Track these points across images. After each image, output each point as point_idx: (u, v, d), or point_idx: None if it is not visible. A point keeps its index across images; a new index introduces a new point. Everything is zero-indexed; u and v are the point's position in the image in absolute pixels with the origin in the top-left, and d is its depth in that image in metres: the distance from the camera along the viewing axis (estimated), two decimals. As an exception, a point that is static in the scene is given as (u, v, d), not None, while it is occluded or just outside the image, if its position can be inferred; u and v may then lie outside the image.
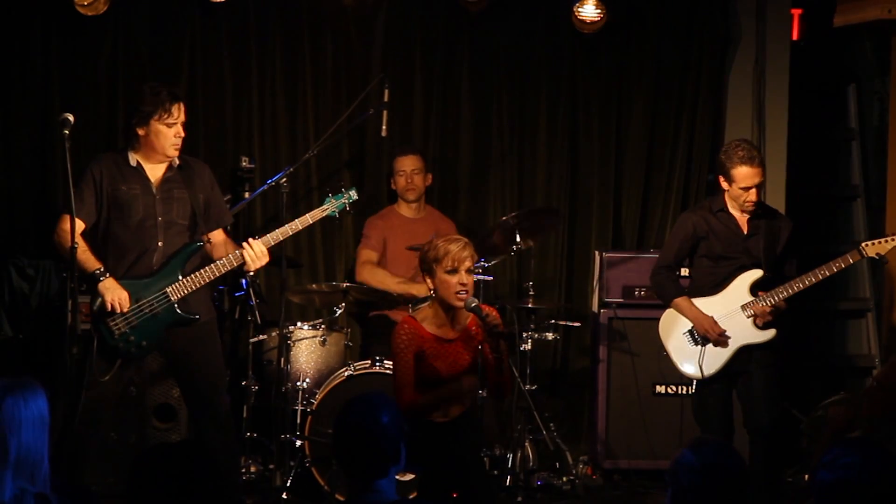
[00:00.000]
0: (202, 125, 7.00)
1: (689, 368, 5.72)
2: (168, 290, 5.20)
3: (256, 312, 6.43)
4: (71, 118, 4.96)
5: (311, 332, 6.39)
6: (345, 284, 6.38)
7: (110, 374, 5.14)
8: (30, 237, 6.69)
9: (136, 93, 5.30)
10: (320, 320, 6.49)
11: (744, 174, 5.59)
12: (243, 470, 6.34)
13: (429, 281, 4.84)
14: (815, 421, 6.64)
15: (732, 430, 5.72)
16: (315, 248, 7.17)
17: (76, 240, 4.96)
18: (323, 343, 6.40)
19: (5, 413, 3.16)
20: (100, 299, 5.11)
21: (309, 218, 5.42)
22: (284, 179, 6.40)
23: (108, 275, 5.12)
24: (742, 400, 5.71)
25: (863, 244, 5.60)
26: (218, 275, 5.28)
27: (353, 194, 5.49)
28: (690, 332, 5.72)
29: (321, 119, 7.12)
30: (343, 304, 6.38)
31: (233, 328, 6.85)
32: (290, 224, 5.39)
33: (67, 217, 5.04)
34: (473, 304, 4.76)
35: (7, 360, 6.12)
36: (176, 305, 5.21)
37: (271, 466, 6.21)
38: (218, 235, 5.43)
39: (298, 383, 6.29)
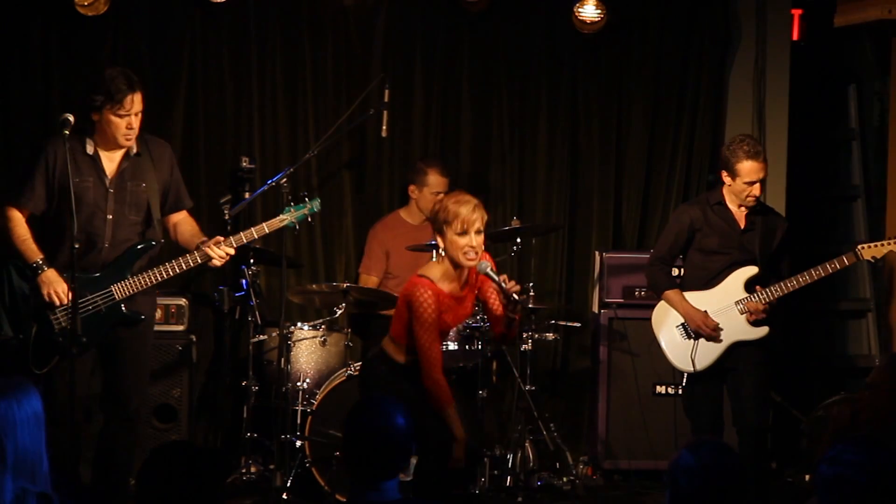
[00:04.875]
0: (202, 125, 7.00)
1: (680, 362, 5.71)
2: (114, 288, 5.10)
3: (256, 312, 6.43)
4: (71, 118, 4.95)
5: (311, 332, 6.39)
6: (345, 284, 6.38)
7: (47, 367, 5.04)
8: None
9: (96, 76, 5.16)
10: (320, 320, 6.50)
11: (749, 169, 5.59)
12: (243, 470, 6.35)
13: (439, 240, 4.94)
14: (815, 421, 6.63)
15: (722, 425, 5.72)
16: (315, 248, 7.17)
17: (15, 225, 5.03)
18: (323, 343, 6.40)
19: None
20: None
21: (265, 227, 5.34)
22: (284, 179, 6.40)
23: (46, 267, 5.02)
24: (732, 399, 5.71)
25: (859, 247, 5.59)
26: (172, 274, 5.19)
27: (316, 205, 5.46)
28: (683, 325, 5.72)
29: (321, 119, 7.12)
30: (343, 304, 6.37)
31: (233, 328, 6.84)
32: (244, 232, 5.30)
33: (11, 209, 5.08)
34: (487, 269, 4.89)
35: (7, 360, 6.12)
36: (122, 305, 5.13)
37: (271, 466, 6.22)
38: (178, 215, 5.35)
39: (298, 383, 6.29)
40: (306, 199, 5.47)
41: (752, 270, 5.65)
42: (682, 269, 5.97)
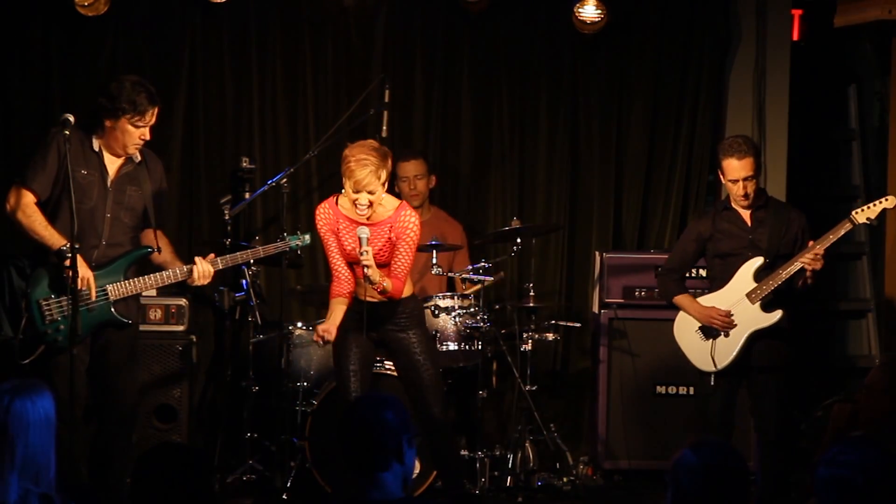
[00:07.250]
0: (202, 125, 7.00)
1: (702, 363, 5.72)
2: (109, 288, 5.13)
3: (257, 312, 6.43)
4: (71, 118, 4.95)
5: (311, 333, 6.39)
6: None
7: (31, 358, 5.05)
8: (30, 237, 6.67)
9: (116, 82, 5.15)
10: (320, 320, 6.48)
11: (731, 167, 5.64)
12: (243, 470, 6.34)
13: (344, 181, 5.23)
14: (815, 421, 6.63)
15: (732, 429, 5.72)
16: (315, 248, 7.15)
17: (32, 212, 5.03)
18: (323, 343, 6.39)
19: (13, 415, 3.17)
20: (45, 279, 5.05)
21: (262, 251, 5.57)
22: (285, 180, 6.41)
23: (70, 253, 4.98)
24: (752, 405, 5.73)
25: (853, 213, 5.60)
26: (161, 285, 5.26)
27: (307, 239, 5.63)
28: (701, 327, 5.73)
29: (321, 119, 7.12)
30: (343, 305, 6.36)
31: (233, 328, 6.84)
32: (241, 252, 5.48)
33: (26, 193, 5.08)
34: (362, 234, 5.14)
35: (7, 360, 6.11)
36: (112, 305, 5.15)
37: (272, 467, 6.21)
38: (149, 230, 5.36)
39: (298, 383, 6.28)
40: (298, 233, 5.68)
41: (758, 261, 5.66)
42: (709, 279, 5.95)
